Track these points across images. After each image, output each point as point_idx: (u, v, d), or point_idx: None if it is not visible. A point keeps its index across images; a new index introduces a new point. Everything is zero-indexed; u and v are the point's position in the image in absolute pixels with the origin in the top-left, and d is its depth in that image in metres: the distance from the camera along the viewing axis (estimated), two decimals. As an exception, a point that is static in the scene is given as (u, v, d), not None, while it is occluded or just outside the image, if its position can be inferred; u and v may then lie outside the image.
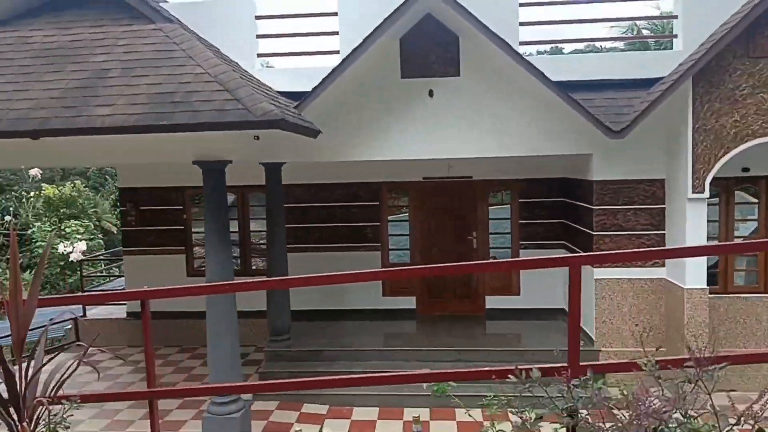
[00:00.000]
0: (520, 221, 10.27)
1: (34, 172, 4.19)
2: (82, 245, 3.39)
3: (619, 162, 8.04)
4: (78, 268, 13.98)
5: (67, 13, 7.25)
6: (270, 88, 7.95)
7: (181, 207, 10.70)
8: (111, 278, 14.07)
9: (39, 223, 23.10)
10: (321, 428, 7.35)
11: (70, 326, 11.05)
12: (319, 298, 10.15)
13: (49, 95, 5.85)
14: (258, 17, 8.32)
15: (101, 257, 16.17)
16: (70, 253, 3.49)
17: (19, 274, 2.31)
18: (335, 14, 8.11)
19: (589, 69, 8.23)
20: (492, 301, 10.38)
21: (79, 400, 2.51)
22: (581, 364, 2.64)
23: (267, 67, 10.40)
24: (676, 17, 8.04)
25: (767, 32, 7.10)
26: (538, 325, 9.64)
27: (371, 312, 10.22)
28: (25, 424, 2.16)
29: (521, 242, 10.28)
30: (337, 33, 8.12)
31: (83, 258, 9.57)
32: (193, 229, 10.77)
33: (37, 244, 22.64)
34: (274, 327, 8.73)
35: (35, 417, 2.24)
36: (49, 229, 22.61)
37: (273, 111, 5.39)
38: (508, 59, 7.52)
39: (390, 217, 10.52)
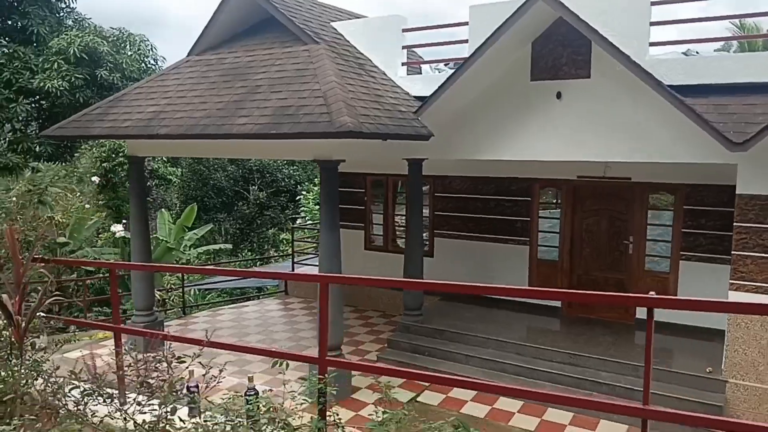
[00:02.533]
0: (683, 230, 9.43)
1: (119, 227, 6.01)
2: (119, 226, 5.01)
3: (771, 174, 7.03)
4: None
5: (255, 38, 9.32)
6: (406, 93, 8.99)
7: (363, 190, 12.44)
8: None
9: (305, 192, 27.85)
10: (416, 395, 8.31)
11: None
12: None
13: (216, 107, 7.88)
14: (405, 30, 9.33)
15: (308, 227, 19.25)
16: (116, 231, 5.16)
17: (18, 251, 4.00)
18: (461, 24, 8.66)
19: (729, 70, 7.23)
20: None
21: (44, 318, 4.12)
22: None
23: (439, 71, 11.33)
24: None
25: None
26: (686, 344, 8.89)
27: (515, 303, 10.58)
28: (12, 329, 3.83)
29: (682, 253, 9.44)
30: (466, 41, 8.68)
31: (125, 235, 11.37)
32: (372, 209, 12.47)
33: (302, 208, 27.41)
34: (406, 302, 9.87)
35: (23, 328, 3.91)
36: (312, 197, 27.16)
37: (347, 123, 6.49)
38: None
39: (541, 213, 10.64)
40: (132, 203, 9.53)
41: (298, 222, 30.89)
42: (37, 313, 4.05)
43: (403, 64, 9.35)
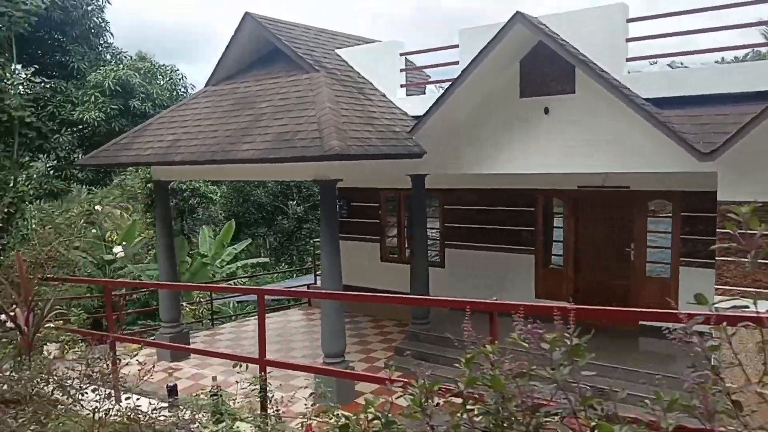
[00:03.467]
0: (682, 236, 9.59)
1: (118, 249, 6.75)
2: (118, 248, 5.72)
3: (749, 181, 7.22)
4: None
5: (265, 68, 10.04)
6: (404, 113, 9.54)
7: (377, 204, 13.01)
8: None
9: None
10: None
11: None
12: (480, 291, 11.25)
13: (225, 134, 8.61)
14: (402, 54, 9.91)
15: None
16: (116, 254, 5.87)
17: (25, 273, 4.70)
18: (456, 46, 9.15)
19: (705, 82, 7.45)
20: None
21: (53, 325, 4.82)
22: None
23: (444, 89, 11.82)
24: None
25: None
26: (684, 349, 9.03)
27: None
28: (23, 337, 4.53)
29: (681, 259, 9.60)
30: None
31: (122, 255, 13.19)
32: (387, 223, 13.01)
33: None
34: (413, 311, 10.35)
35: (33, 337, 4.61)
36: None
37: (335, 147, 7.09)
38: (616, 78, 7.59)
39: (546, 222, 10.95)
40: (158, 223, 10.39)
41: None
42: (46, 325, 4.77)
43: (401, 85, 9.91)
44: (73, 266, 14.55)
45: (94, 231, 17.13)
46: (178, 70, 15.65)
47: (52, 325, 5.04)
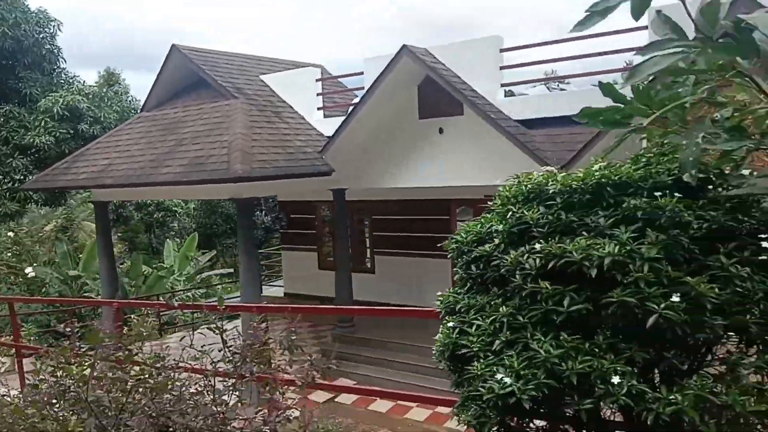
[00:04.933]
0: (575, 239, 10.57)
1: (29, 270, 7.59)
2: (29, 269, 6.57)
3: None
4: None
5: (192, 95, 10.92)
6: (320, 134, 10.46)
7: (314, 216, 13.90)
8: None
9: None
10: (334, 396, 9.62)
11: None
12: (405, 294, 12.15)
13: (150, 158, 9.46)
14: (318, 79, 10.85)
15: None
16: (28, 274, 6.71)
17: None
18: (361, 73, 10.10)
19: (559, 105, 8.49)
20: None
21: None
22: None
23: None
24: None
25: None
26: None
27: (441, 311, 11.81)
28: None
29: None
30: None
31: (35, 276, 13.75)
32: (322, 233, 13.91)
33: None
34: (340, 315, 11.24)
35: None
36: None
37: (238, 170, 7.98)
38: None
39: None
40: (98, 240, 11.19)
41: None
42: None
43: (318, 108, 10.84)
44: (39, 283, 15.29)
45: (63, 248, 17.76)
46: (128, 92, 16.47)
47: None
